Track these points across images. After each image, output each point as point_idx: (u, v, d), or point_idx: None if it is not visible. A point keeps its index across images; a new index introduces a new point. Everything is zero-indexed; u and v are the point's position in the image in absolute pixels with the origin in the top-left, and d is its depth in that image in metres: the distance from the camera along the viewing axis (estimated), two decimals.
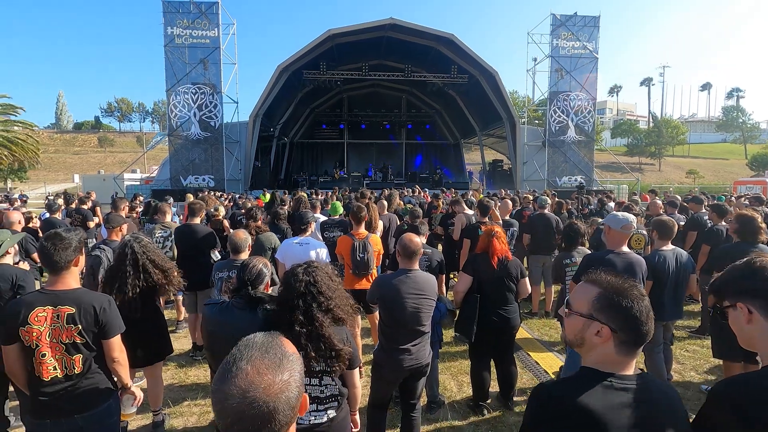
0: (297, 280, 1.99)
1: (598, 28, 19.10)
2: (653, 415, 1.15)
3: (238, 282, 2.32)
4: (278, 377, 0.84)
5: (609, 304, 1.22)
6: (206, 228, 5.08)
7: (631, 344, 1.21)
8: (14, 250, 3.13)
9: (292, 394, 0.85)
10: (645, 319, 1.20)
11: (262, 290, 2.32)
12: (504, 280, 3.56)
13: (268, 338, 0.92)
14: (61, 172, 52.23)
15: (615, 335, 1.20)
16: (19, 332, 2.07)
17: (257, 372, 0.83)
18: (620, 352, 1.21)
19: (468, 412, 3.66)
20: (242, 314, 2.18)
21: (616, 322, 1.21)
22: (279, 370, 0.85)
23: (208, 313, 2.28)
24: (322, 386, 2.00)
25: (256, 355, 0.86)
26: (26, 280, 2.89)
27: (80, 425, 2.21)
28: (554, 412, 1.18)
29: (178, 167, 17.63)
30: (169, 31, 17.11)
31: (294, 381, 0.87)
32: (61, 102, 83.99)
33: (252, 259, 2.39)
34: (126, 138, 72.10)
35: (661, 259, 3.64)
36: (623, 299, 1.21)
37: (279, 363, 0.86)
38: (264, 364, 0.85)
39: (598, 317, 1.22)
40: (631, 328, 1.20)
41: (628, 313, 1.20)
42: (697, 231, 5.87)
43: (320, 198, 9.58)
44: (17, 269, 3.01)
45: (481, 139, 24.49)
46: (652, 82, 77.12)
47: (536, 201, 7.38)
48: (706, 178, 49.50)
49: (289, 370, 0.87)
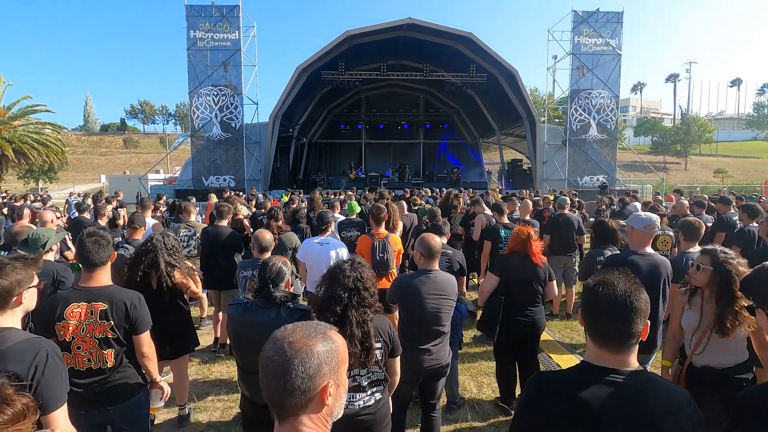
0: (345, 275, 2.06)
1: (621, 24, 18.62)
2: (644, 411, 1.16)
3: (259, 281, 2.38)
4: (308, 340, 0.94)
5: (584, 289, 1.33)
6: (231, 231, 5.18)
7: (593, 332, 1.25)
8: (56, 247, 3.28)
9: (312, 361, 0.92)
10: (605, 309, 1.22)
11: (284, 288, 2.38)
12: (532, 283, 3.52)
13: (320, 324, 1.03)
14: (88, 173, 53.97)
15: (583, 320, 1.29)
16: (55, 327, 2.16)
17: (293, 331, 0.97)
18: (592, 340, 1.26)
19: (488, 413, 3.64)
20: (265, 312, 2.25)
21: (583, 306, 1.31)
22: (312, 338, 0.95)
23: (232, 312, 2.35)
24: (369, 373, 2.11)
25: (301, 325, 0.99)
26: (66, 276, 3.01)
27: (112, 417, 2.31)
28: (546, 398, 1.23)
29: (200, 168, 17.99)
30: (192, 34, 17.47)
31: (318, 352, 0.93)
32: (88, 105, 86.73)
33: (272, 258, 2.45)
34: (150, 139, 74.04)
35: (688, 261, 3.54)
36: (596, 286, 1.26)
37: (314, 334, 0.97)
38: (303, 328, 0.98)
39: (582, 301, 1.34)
40: (591, 315, 1.26)
41: (592, 299, 1.26)
42: (725, 232, 5.68)
43: (339, 198, 9.65)
44: (58, 265, 3.13)
45: (500, 139, 24.21)
46: (678, 78, 74.90)
47: (556, 201, 7.27)
48: (735, 177, 47.76)
49: (323, 343, 0.96)
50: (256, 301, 2.31)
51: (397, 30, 18.25)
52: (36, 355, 1.65)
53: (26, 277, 1.78)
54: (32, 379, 1.61)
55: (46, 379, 1.64)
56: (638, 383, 1.19)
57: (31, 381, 1.61)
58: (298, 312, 2.29)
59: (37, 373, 1.62)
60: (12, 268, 1.74)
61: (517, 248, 3.56)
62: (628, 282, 1.25)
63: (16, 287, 1.72)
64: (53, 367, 1.68)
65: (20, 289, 1.75)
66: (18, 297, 1.74)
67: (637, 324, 1.21)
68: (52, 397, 1.65)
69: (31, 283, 1.81)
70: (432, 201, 10.10)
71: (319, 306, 2.09)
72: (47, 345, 1.74)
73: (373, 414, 2.11)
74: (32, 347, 1.68)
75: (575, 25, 18.44)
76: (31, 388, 1.60)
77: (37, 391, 1.61)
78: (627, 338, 1.21)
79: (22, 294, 1.76)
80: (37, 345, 1.70)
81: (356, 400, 2.07)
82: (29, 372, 1.61)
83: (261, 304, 2.28)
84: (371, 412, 2.10)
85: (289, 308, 2.29)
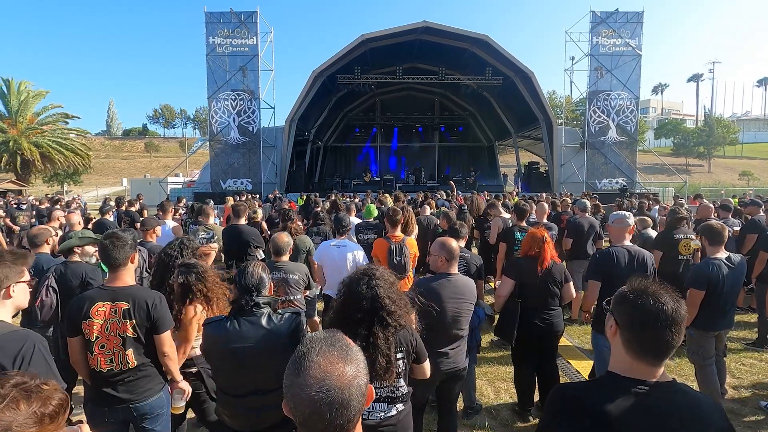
0: (362, 297, 1.95)
1: (641, 24, 18.26)
2: (671, 424, 1.12)
3: (239, 290, 2.16)
4: (348, 367, 0.89)
5: (623, 300, 1.25)
6: (251, 228, 5.27)
7: (636, 345, 1.19)
8: (82, 250, 3.37)
9: (362, 381, 0.90)
10: (652, 322, 1.17)
11: (266, 294, 2.22)
12: (548, 285, 3.47)
13: (329, 333, 0.97)
14: (111, 176, 55.45)
15: (621, 332, 1.22)
16: (82, 325, 2.22)
17: (329, 362, 0.88)
18: (629, 353, 1.21)
19: (506, 420, 3.58)
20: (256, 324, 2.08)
21: (623, 317, 1.23)
22: (348, 360, 0.90)
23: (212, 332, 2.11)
24: (392, 387, 2.04)
25: (325, 348, 0.91)
26: (95, 277, 3.08)
27: (134, 415, 2.35)
28: (571, 411, 1.20)
29: (218, 171, 18.31)
30: (211, 40, 17.83)
31: (361, 369, 0.92)
32: (111, 110, 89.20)
33: (249, 264, 2.24)
34: (170, 143, 75.65)
35: (714, 268, 3.44)
36: (637, 298, 1.21)
37: (346, 354, 0.92)
38: (333, 355, 0.90)
39: (614, 311, 1.27)
40: (635, 328, 1.20)
41: (635, 311, 1.20)
42: (757, 234, 5.48)
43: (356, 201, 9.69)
44: (87, 266, 3.22)
45: (516, 141, 23.99)
46: (701, 79, 72.98)
47: (576, 204, 7.15)
48: (762, 180, 46.25)
49: (356, 360, 0.92)
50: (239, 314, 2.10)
51: (413, 33, 18.29)
52: (23, 346, 1.67)
53: (14, 271, 1.81)
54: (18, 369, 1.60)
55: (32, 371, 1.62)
56: (668, 395, 1.16)
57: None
58: (290, 317, 2.16)
59: (23, 365, 1.63)
60: (0, 261, 1.78)
61: (531, 251, 3.51)
62: (668, 293, 1.21)
63: (3, 280, 1.77)
64: (40, 360, 1.69)
65: (8, 282, 1.79)
66: (6, 290, 1.79)
67: (681, 336, 1.20)
68: None
69: (20, 278, 1.84)
70: (447, 204, 10.05)
71: (336, 322, 2.01)
72: (35, 337, 1.75)
73: (395, 425, 2.05)
74: (19, 338, 1.70)
75: (594, 25, 18.16)
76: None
77: None
78: (671, 350, 1.19)
79: (10, 287, 1.80)
80: (24, 336, 1.72)
81: (377, 412, 2.02)
82: (15, 363, 1.62)
83: (245, 315, 2.09)
84: (393, 423, 2.05)
85: (279, 314, 2.15)
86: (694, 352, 3.60)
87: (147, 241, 4.38)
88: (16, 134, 30.26)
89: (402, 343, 2.03)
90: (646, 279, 1.27)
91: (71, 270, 3.15)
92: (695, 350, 3.59)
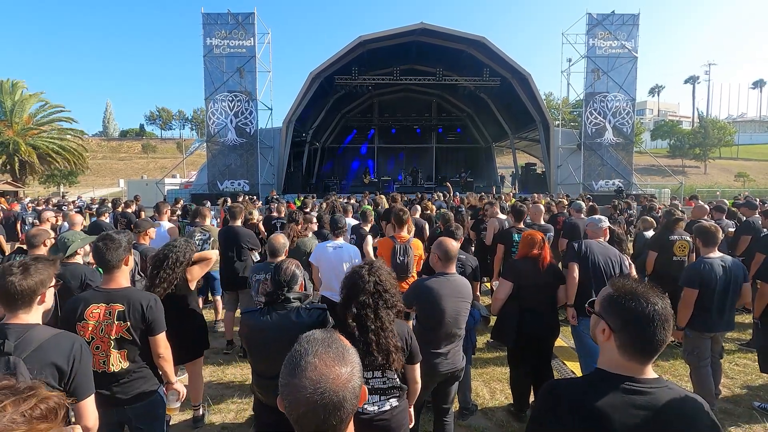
0: (364, 280, 2.05)
1: (637, 26, 18.37)
2: (660, 421, 1.14)
3: (273, 285, 2.36)
4: (343, 369, 0.91)
5: (612, 304, 1.25)
6: (247, 230, 5.27)
7: (630, 347, 1.21)
8: (83, 251, 3.39)
9: (356, 383, 0.92)
10: (646, 323, 1.18)
11: (297, 290, 2.39)
12: (545, 287, 3.49)
13: (326, 334, 0.98)
14: (107, 177, 55.27)
15: (614, 335, 1.23)
16: (76, 327, 2.22)
17: (325, 365, 0.90)
18: (624, 354, 1.22)
19: (501, 420, 3.59)
20: (284, 315, 2.26)
21: (616, 322, 1.23)
22: (343, 363, 0.92)
23: (248, 320, 2.33)
24: (385, 377, 2.07)
25: (321, 350, 0.93)
26: (93, 279, 3.08)
27: (129, 416, 2.35)
28: (561, 408, 1.22)
29: (215, 172, 18.27)
30: (208, 42, 17.81)
31: (356, 372, 0.93)
32: (108, 111, 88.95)
33: (285, 261, 2.44)
34: (167, 144, 75.47)
35: (707, 267, 3.47)
36: (627, 301, 1.22)
37: (342, 356, 0.93)
38: (329, 357, 0.92)
39: (604, 316, 1.26)
40: (629, 331, 1.21)
41: (628, 315, 1.21)
42: (751, 236, 5.51)
43: (352, 202, 9.70)
44: (86, 267, 3.22)
45: (513, 143, 24.05)
46: (697, 81, 73.29)
47: (572, 205, 7.18)
48: (757, 182, 46.50)
49: (351, 362, 0.94)
50: (272, 306, 2.30)
51: (410, 35, 18.32)
52: (73, 345, 1.79)
53: (48, 276, 1.88)
54: (72, 368, 1.74)
55: (83, 369, 1.78)
56: (655, 392, 1.17)
57: (71, 370, 1.74)
58: (316, 311, 2.31)
59: (75, 363, 1.76)
60: (36, 269, 1.83)
61: (529, 253, 3.53)
62: (654, 292, 1.23)
63: (40, 287, 1.82)
64: (87, 358, 1.83)
65: (43, 288, 1.85)
66: (42, 296, 1.85)
67: (671, 332, 1.22)
68: (87, 386, 1.80)
69: (51, 283, 1.91)
70: (444, 205, 10.07)
71: (338, 312, 2.08)
72: (78, 338, 1.88)
73: (388, 420, 2.04)
74: (68, 339, 1.82)
75: (590, 27, 18.27)
76: (70, 377, 1.74)
77: (75, 380, 1.75)
78: (663, 347, 1.21)
79: (45, 293, 1.87)
80: (71, 337, 1.85)
81: (369, 404, 2.02)
82: (69, 362, 1.74)
83: (277, 308, 2.27)
84: (386, 419, 2.04)
85: (306, 308, 2.31)
86: (690, 352, 3.62)
87: (140, 243, 4.38)
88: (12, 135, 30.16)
89: (398, 335, 2.08)
90: (627, 280, 1.29)
91: (70, 271, 3.15)
92: (690, 351, 3.61)
